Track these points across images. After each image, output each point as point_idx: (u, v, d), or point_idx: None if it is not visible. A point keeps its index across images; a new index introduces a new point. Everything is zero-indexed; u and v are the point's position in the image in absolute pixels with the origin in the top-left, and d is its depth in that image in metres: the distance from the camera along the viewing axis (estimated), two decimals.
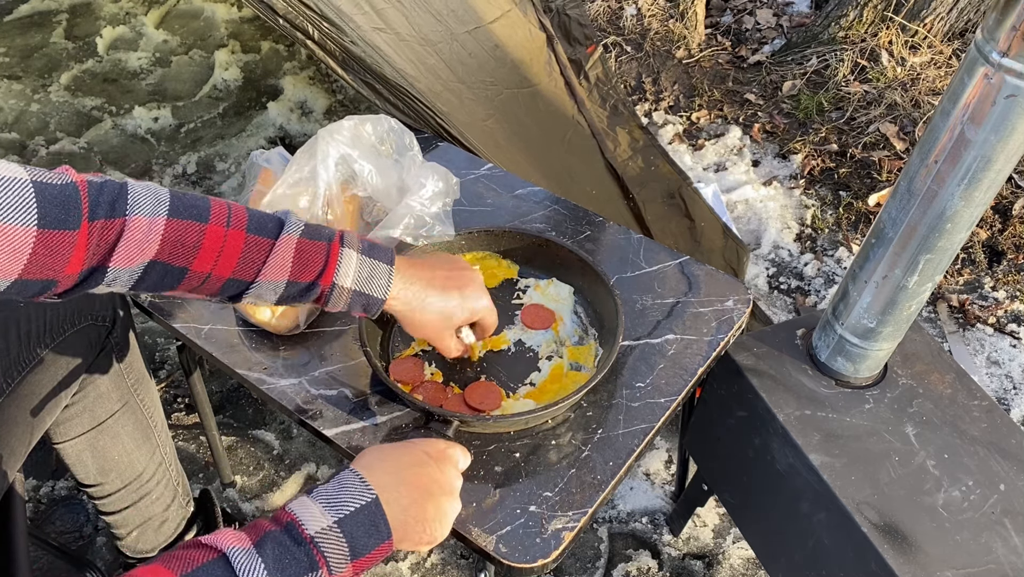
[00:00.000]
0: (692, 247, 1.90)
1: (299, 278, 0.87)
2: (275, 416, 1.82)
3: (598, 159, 1.94)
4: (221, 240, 0.83)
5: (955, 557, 0.99)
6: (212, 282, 0.85)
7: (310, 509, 0.70)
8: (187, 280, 0.84)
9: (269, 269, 0.85)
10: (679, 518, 1.60)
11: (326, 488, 0.73)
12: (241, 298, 0.88)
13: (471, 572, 1.56)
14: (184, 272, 0.83)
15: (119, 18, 3.10)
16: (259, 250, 0.85)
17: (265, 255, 0.85)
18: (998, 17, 0.81)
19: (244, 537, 0.67)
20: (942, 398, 1.17)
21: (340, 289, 0.89)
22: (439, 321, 0.97)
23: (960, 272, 2.18)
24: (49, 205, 0.72)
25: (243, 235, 0.84)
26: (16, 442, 1.05)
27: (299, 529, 0.68)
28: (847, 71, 2.68)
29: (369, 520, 0.71)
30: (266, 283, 0.86)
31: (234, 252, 0.84)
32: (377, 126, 1.25)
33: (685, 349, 1.15)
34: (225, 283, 0.85)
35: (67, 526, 1.61)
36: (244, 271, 0.85)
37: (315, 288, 0.88)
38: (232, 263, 0.84)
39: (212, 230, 0.83)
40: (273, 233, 0.86)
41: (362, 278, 0.90)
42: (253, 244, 0.85)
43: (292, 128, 2.63)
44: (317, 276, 0.88)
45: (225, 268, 0.84)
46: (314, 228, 0.89)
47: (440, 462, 0.82)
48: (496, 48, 1.83)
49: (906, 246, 1.00)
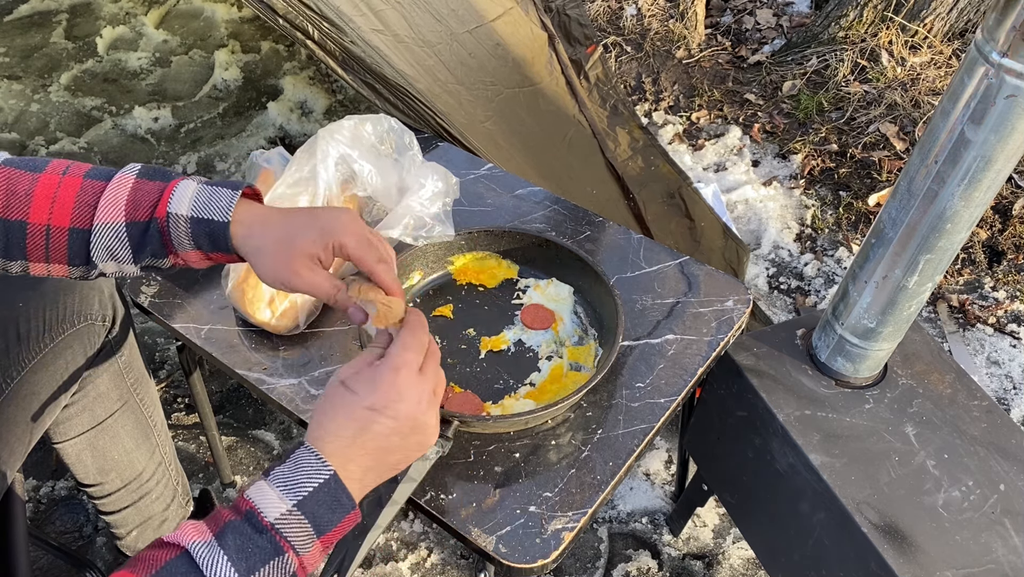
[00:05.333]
0: (692, 247, 1.90)
1: (136, 217, 0.80)
2: (275, 416, 1.82)
3: (598, 159, 1.94)
4: (55, 187, 0.80)
5: (955, 557, 0.99)
6: (56, 238, 0.80)
7: (267, 495, 0.68)
8: (31, 237, 0.80)
9: (103, 210, 0.80)
10: (679, 518, 1.60)
11: (282, 469, 0.70)
12: (92, 257, 0.82)
13: (471, 572, 1.56)
14: (23, 227, 0.79)
15: (119, 18, 3.10)
16: (93, 192, 0.81)
17: (98, 196, 0.80)
18: (998, 17, 0.81)
19: (205, 529, 0.66)
20: (942, 398, 1.16)
21: (176, 219, 0.80)
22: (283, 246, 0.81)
23: (960, 272, 2.18)
24: None
25: (79, 180, 0.81)
26: (16, 442, 1.05)
27: (258, 517, 0.67)
28: (847, 71, 2.68)
29: (330, 496, 0.69)
30: (105, 228, 0.80)
31: (68, 198, 0.80)
32: (377, 126, 1.25)
33: (685, 349, 1.15)
34: (68, 237, 0.81)
35: (67, 526, 1.61)
36: (81, 218, 0.80)
37: (154, 224, 0.81)
38: (67, 210, 0.80)
39: (45, 177, 0.80)
40: (109, 176, 0.82)
41: (200, 204, 0.81)
42: (87, 187, 0.81)
43: (292, 128, 2.63)
44: (152, 210, 0.80)
45: (61, 216, 0.80)
46: (159, 170, 0.84)
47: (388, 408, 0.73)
48: (497, 46, 1.83)
49: (906, 246, 1.00)
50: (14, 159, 0.81)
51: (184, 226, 0.81)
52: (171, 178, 0.83)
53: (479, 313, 1.21)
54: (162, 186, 0.82)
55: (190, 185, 0.82)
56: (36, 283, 1.07)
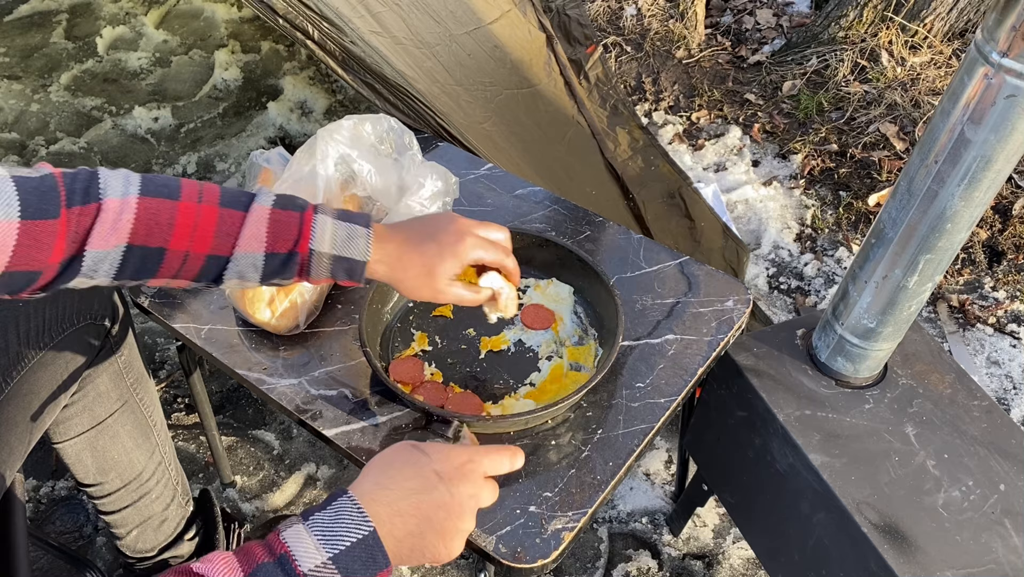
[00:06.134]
0: (692, 247, 1.90)
1: (276, 249, 0.86)
2: (275, 416, 1.82)
3: (598, 159, 1.94)
4: (194, 215, 0.82)
5: (955, 557, 0.99)
6: (192, 262, 0.84)
7: (304, 542, 0.67)
8: (167, 262, 0.83)
9: (244, 241, 0.84)
10: (679, 518, 1.60)
11: (322, 517, 0.69)
12: (223, 279, 0.86)
13: (471, 572, 1.56)
14: (162, 253, 0.82)
15: (119, 18, 3.10)
16: (233, 222, 0.84)
17: (239, 227, 0.84)
18: (998, 17, 0.81)
19: (236, 566, 0.65)
20: (942, 398, 1.16)
21: (319, 255, 0.87)
22: (424, 276, 0.92)
23: (960, 272, 2.18)
24: (29, 196, 0.74)
25: (216, 209, 0.84)
26: (16, 442, 1.05)
27: (292, 564, 0.65)
28: (847, 71, 2.68)
29: (366, 553, 0.68)
30: (244, 257, 0.85)
31: (208, 227, 0.83)
32: (377, 126, 1.25)
33: (685, 349, 1.15)
34: (205, 262, 0.85)
35: (67, 526, 1.61)
36: (220, 246, 0.84)
37: (294, 257, 0.87)
38: (208, 238, 0.83)
39: (184, 206, 0.82)
40: (245, 205, 0.85)
41: (340, 241, 0.87)
42: (226, 217, 0.84)
43: (292, 128, 2.63)
44: (294, 244, 0.86)
45: (201, 245, 0.83)
46: (287, 198, 0.88)
47: (451, 481, 0.74)
48: (496, 48, 1.83)
49: (906, 246, 1.00)
50: (147, 184, 0.82)
51: (326, 262, 0.87)
52: (303, 207, 0.88)
53: (479, 313, 1.20)
54: (298, 217, 0.87)
55: (327, 222, 0.87)
56: None
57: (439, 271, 0.92)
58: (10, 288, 0.77)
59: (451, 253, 0.92)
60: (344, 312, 1.21)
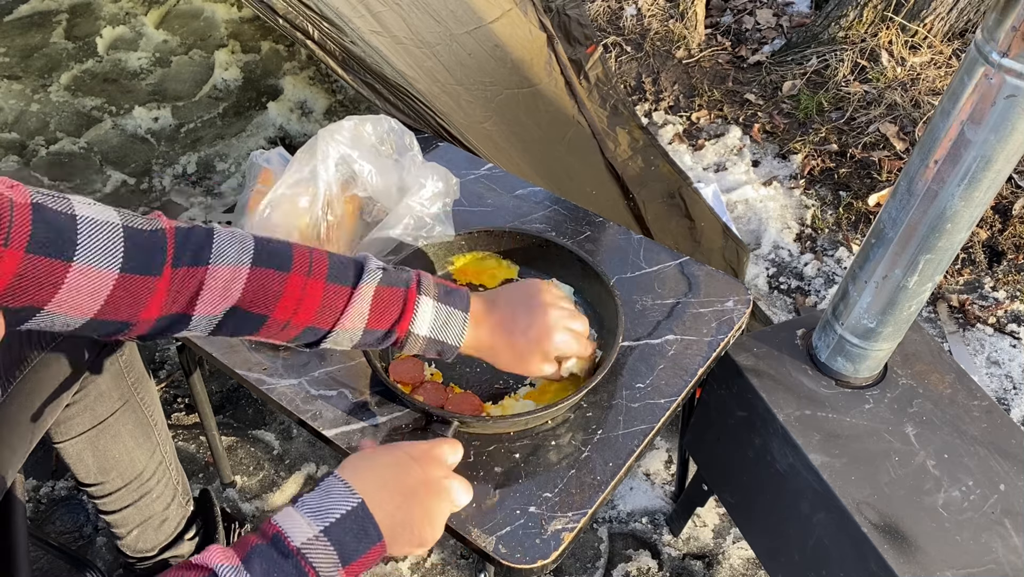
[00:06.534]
0: (692, 247, 1.90)
1: (376, 326, 0.88)
2: (275, 416, 1.82)
3: (598, 159, 1.94)
4: (301, 289, 0.84)
5: (955, 557, 0.99)
6: (290, 329, 0.86)
7: (295, 520, 0.69)
8: (267, 327, 0.85)
9: (347, 318, 0.86)
10: (679, 518, 1.60)
11: (311, 497, 0.72)
12: (319, 345, 0.89)
13: (471, 572, 1.56)
14: (263, 320, 0.84)
15: (119, 18, 3.10)
16: (338, 299, 0.86)
17: (344, 304, 0.86)
18: (998, 17, 0.81)
19: (232, 554, 0.67)
20: (942, 398, 1.17)
21: (415, 337, 0.90)
22: (516, 361, 0.97)
23: (960, 272, 2.18)
24: (135, 250, 0.74)
25: (323, 284, 0.85)
26: (17, 441, 1.05)
27: (285, 541, 0.68)
28: (847, 71, 2.68)
29: (357, 525, 0.71)
30: (343, 332, 0.87)
31: (313, 301, 0.85)
32: (377, 126, 1.25)
33: (685, 350, 1.15)
34: (304, 331, 0.86)
35: (67, 526, 1.61)
36: (322, 320, 0.86)
37: (391, 335, 0.90)
38: (311, 312, 0.85)
39: (293, 279, 0.83)
40: (352, 281, 0.87)
41: (437, 326, 0.91)
42: (332, 293, 0.86)
43: (292, 128, 2.63)
44: (393, 324, 0.89)
45: (304, 317, 0.85)
46: (393, 274, 0.90)
47: (424, 463, 0.80)
48: (496, 48, 1.83)
49: (906, 246, 1.00)
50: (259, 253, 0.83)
51: (421, 343, 0.91)
52: (407, 284, 0.90)
53: None
54: (402, 297, 0.89)
55: (428, 305, 0.90)
56: None
57: (530, 362, 0.96)
58: (98, 332, 0.77)
59: (542, 353, 0.96)
60: None
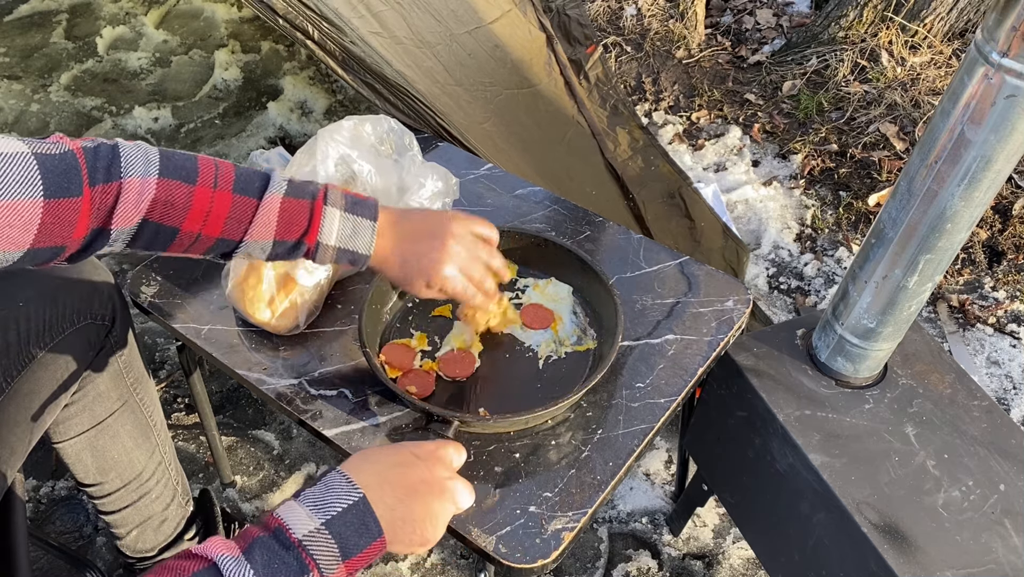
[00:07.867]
0: (692, 247, 1.90)
1: (285, 237, 0.90)
2: (275, 416, 1.82)
3: (598, 159, 1.94)
4: (208, 201, 0.87)
5: (955, 557, 0.99)
6: (202, 241, 0.89)
7: (297, 512, 0.70)
8: (179, 240, 0.88)
9: (255, 229, 0.89)
10: (679, 518, 1.60)
11: (313, 491, 0.73)
12: (231, 256, 0.92)
13: (471, 572, 1.56)
14: (175, 232, 0.87)
15: (119, 18, 3.10)
16: (245, 210, 0.88)
17: (251, 215, 0.89)
18: (998, 17, 0.81)
19: (233, 545, 0.67)
20: (942, 398, 1.16)
21: (324, 247, 0.92)
22: (401, 278, 0.98)
23: (960, 272, 2.18)
24: (52, 175, 0.76)
25: (230, 196, 0.88)
26: (16, 442, 1.05)
27: (286, 533, 0.68)
28: (847, 71, 2.68)
29: (358, 519, 0.71)
30: (254, 243, 0.90)
31: (221, 213, 0.88)
32: (377, 126, 1.25)
33: (685, 349, 1.15)
34: (215, 242, 0.89)
35: (67, 526, 1.61)
36: (232, 231, 0.89)
37: (301, 246, 0.92)
38: (220, 223, 0.88)
39: (200, 192, 0.86)
40: (258, 193, 0.89)
41: (345, 235, 0.93)
42: (239, 204, 0.88)
43: (292, 128, 2.63)
44: (302, 235, 0.91)
45: (213, 229, 0.88)
46: (299, 186, 0.92)
47: (428, 462, 0.80)
48: (496, 48, 1.83)
49: (906, 246, 1.00)
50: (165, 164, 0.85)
51: (331, 252, 0.93)
52: (314, 195, 0.91)
53: None
54: (308, 207, 0.91)
55: (335, 215, 0.92)
56: (37, 282, 1.07)
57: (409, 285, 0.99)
58: (35, 261, 0.80)
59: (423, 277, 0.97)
60: (344, 312, 1.21)
